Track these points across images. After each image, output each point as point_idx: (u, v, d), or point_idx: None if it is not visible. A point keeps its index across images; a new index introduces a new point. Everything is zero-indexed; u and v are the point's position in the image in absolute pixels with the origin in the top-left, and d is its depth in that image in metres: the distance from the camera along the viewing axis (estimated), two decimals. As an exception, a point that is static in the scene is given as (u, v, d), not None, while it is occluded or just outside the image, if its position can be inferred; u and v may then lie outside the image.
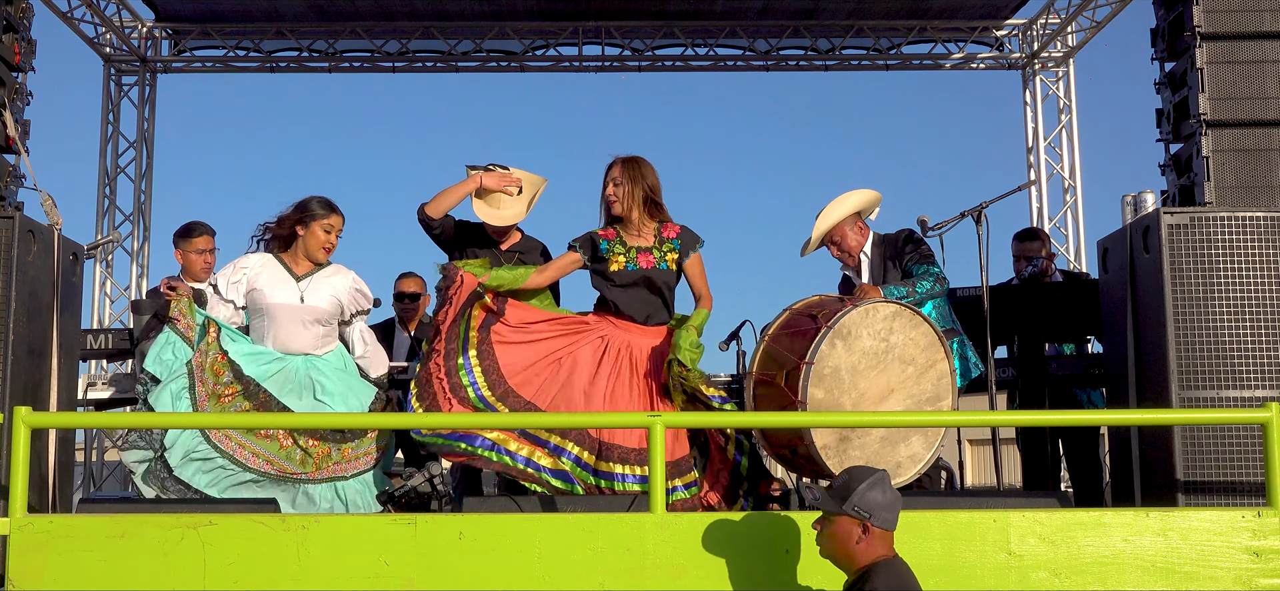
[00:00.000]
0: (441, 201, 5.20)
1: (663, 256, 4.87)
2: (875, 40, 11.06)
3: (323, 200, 4.99)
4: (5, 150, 5.86)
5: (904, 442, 4.45)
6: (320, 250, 4.96)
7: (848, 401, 4.39)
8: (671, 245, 4.89)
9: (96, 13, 10.36)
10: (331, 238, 4.98)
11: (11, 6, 5.84)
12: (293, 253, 4.98)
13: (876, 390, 4.45)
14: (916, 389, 4.53)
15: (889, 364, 4.50)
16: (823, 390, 4.36)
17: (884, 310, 4.50)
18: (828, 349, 4.37)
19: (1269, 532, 3.90)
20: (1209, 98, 5.47)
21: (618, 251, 4.86)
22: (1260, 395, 4.53)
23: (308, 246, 4.96)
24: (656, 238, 4.90)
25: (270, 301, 4.83)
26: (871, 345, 4.47)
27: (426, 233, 5.29)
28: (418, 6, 10.51)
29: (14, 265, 4.44)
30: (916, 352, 4.54)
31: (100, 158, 10.92)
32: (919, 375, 4.55)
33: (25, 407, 3.81)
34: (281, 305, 4.83)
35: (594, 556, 3.79)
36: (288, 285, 4.88)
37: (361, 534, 3.80)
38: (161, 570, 3.73)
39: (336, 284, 4.97)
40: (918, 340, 4.53)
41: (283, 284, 4.87)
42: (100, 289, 10.75)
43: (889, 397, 4.47)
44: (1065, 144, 11.03)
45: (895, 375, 4.51)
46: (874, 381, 4.45)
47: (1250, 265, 4.61)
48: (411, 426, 4.68)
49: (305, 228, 4.95)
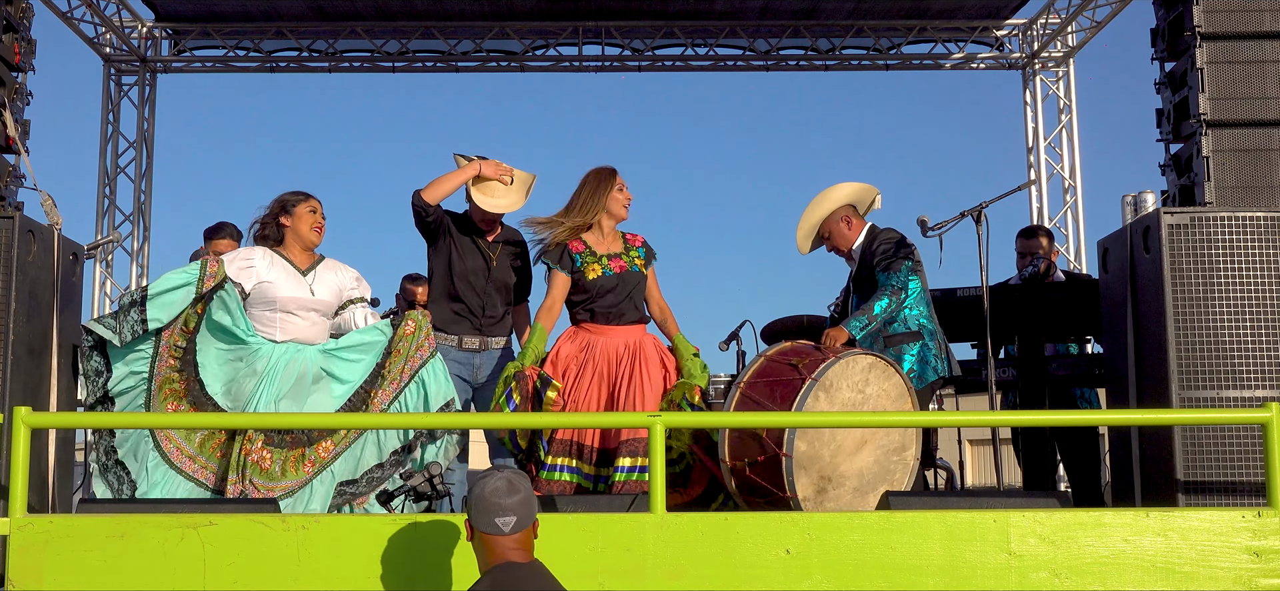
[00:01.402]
0: (438, 188, 5.19)
1: (633, 260, 5.08)
2: (875, 40, 11.05)
3: (293, 191, 5.02)
4: (5, 150, 5.86)
5: (873, 492, 4.54)
6: (312, 232, 4.96)
7: (827, 453, 4.49)
8: (639, 251, 5.13)
9: (96, 13, 10.36)
10: (318, 217, 4.99)
11: (11, 6, 5.84)
12: (287, 246, 4.98)
13: (852, 442, 4.54)
14: (887, 439, 4.64)
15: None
16: (806, 442, 4.42)
17: (862, 362, 4.61)
18: (813, 402, 4.45)
19: (1269, 533, 3.90)
20: (1209, 98, 5.47)
21: (591, 261, 5.01)
22: (1260, 395, 4.53)
23: (299, 233, 4.95)
24: (624, 244, 5.13)
25: (280, 294, 4.85)
26: (850, 397, 4.57)
27: (418, 219, 5.26)
28: (418, 6, 10.51)
29: (14, 265, 4.44)
30: (888, 404, 4.66)
31: (100, 158, 10.93)
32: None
33: (25, 408, 3.81)
34: (291, 297, 4.86)
35: (594, 556, 3.79)
36: (295, 278, 4.90)
37: (361, 534, 3.80)
38: (161, 570, 3.73)
39: (339, 276, 5.02)
40: (889, 391, 4.67)
41: (291, 278, 4.90)
42: (100, 289, 10.75)
43: (863, 448, 4.58)
44: (1065, 144, 11.03)
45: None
46: (851, 433, 4.54)
47: (1250, 265, 4.61)
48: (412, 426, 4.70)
49: (290, 216, 4.95)
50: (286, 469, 4.68)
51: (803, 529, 3.84)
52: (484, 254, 5.33)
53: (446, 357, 5.08)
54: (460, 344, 5.24)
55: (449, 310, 5.27)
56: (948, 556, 3.85)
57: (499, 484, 3.12)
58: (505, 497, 3.09)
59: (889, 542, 3.84)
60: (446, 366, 4.99)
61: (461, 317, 5.26)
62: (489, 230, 5.39)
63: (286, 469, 4.68)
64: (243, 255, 4.94)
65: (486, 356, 5.29)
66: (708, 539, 3.83)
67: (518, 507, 3.09)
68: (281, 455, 4.69)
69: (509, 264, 5.38)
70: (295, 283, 4.88)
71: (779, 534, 3.84)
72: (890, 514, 3.91)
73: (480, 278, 5.28)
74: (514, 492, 3.10)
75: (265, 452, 4.64)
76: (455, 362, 5.18)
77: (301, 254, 4.98)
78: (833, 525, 3.87)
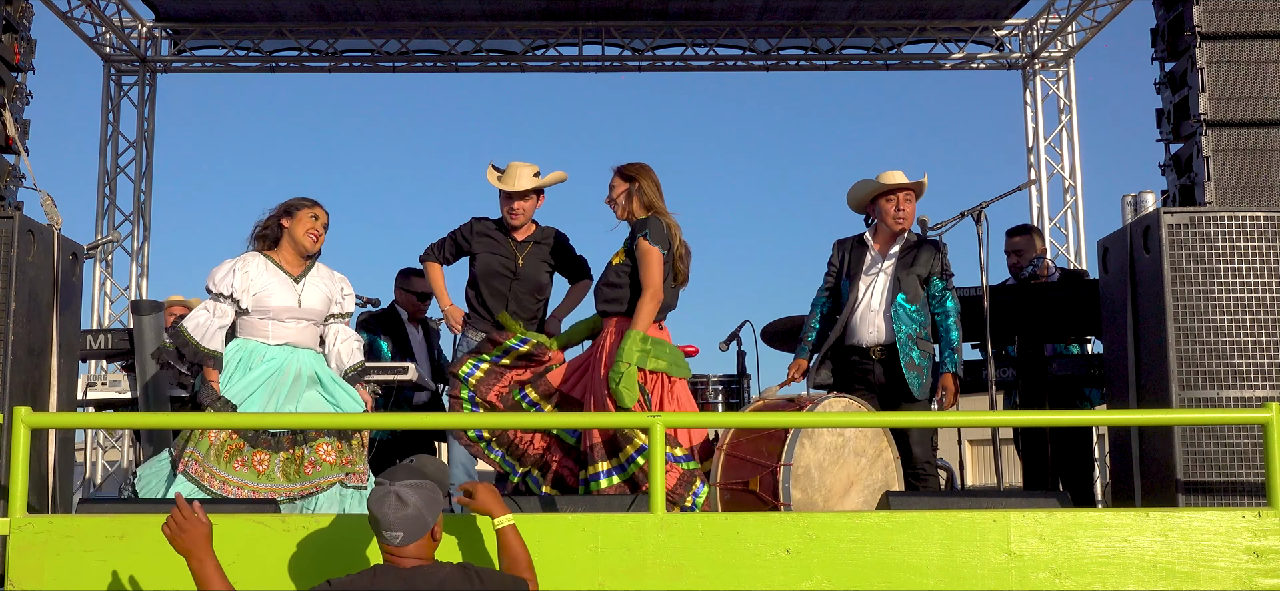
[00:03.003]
0: (430, 282, 5.69)
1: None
2: (875, 40, 11.04)
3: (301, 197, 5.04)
4: (5, 150, 5.86)
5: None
6: (308, 238, 4.94)
7: (819, 498, 4.50)
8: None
9: (96, 13, 10.35)
10: (318, 225, 4.98)
11: (11, 6, 5.84)
12: (282, 251, 4.97)
13: (840, 484, 4.60)
14: (870, 478, 4.72)
15: (846, 457, 4.68)
16: (799, 490, 4.46)
17: (838, 403, 4.76)
18: (800, 449, 4.50)
19: (1269, 533, 3.89)
20: (1209, 98, 5.46)
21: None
22: (1260, 395, 4.53)
23: (295, 237, 4.93)
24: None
25: (272, 303, 4.84)
26: (831, 440, 4.64)
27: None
28: (418, 6, 10.50)
29: (14, 265, 4.44)
30: (866, 444, 4.74)
31: (100, 158, 10.92)
32: (871, 465, 4.75)
33: (25, 408, 3.81)
34: (282, 306, 4.85)
35: (594, 556, 3.79)
36: (286, 286, 4.89)
37: (361, 534, 3.80)
38: (161, 570, 3.72)
39: (328, 285, 5.03)
40: (865, 431, 4.74)
41: (281, 285, 4.88)
42: (100, 289, 10.75)
43: (851, 490, 4.62)
44: (1065, 144, 11.02)
45: (852, 467, 4.69)
46: (837, 476, 4.60)
47: (1250, 265, 4.61)
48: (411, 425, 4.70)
49: (291, 219, 4.95)
50: (288, 471, 4.69)
51: (803, 529, 3.84)
52: (511, 256, 5.52)
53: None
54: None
55: (476, 310, 5.55)
56: (948, 556, 3.85)
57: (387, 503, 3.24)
58: (394, 513, 3.22)
59: (889, 542, 3.84)
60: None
61: (486, 317, 5.49)
62: (518, 229, 5.53)
63: (288, 471, 4.69)
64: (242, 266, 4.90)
65: None
66: (708, 539, 3.83)
67: (404, 523, 3.22)
68: (279, 458, 4.69)
69: (540, 263, 5.55)
70: (286, 290, 4.88)
71: (779, 534, 3.84)
72: (890, 514, 3.91)
73: (505, 280, 5.49)
74: (403, 507, 3.23)
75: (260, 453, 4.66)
76: None
77: (294, 259, 4.96)
78: (833, 525, 3.87)
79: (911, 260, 5.31)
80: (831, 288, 5.55)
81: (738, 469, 4.64)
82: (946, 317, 5.31)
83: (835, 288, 5.53)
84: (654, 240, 4.83)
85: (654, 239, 4.83)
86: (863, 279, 5.36)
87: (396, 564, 3.22)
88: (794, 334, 6.86)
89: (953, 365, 5.25)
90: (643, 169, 5.00)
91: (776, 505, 4.41)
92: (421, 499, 3.25)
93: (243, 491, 4.57)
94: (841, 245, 5.55)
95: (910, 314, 5.24)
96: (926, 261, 5.31)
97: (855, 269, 5.41)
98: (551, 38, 11.01)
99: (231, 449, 4.64)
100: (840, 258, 5.51)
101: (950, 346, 5.28)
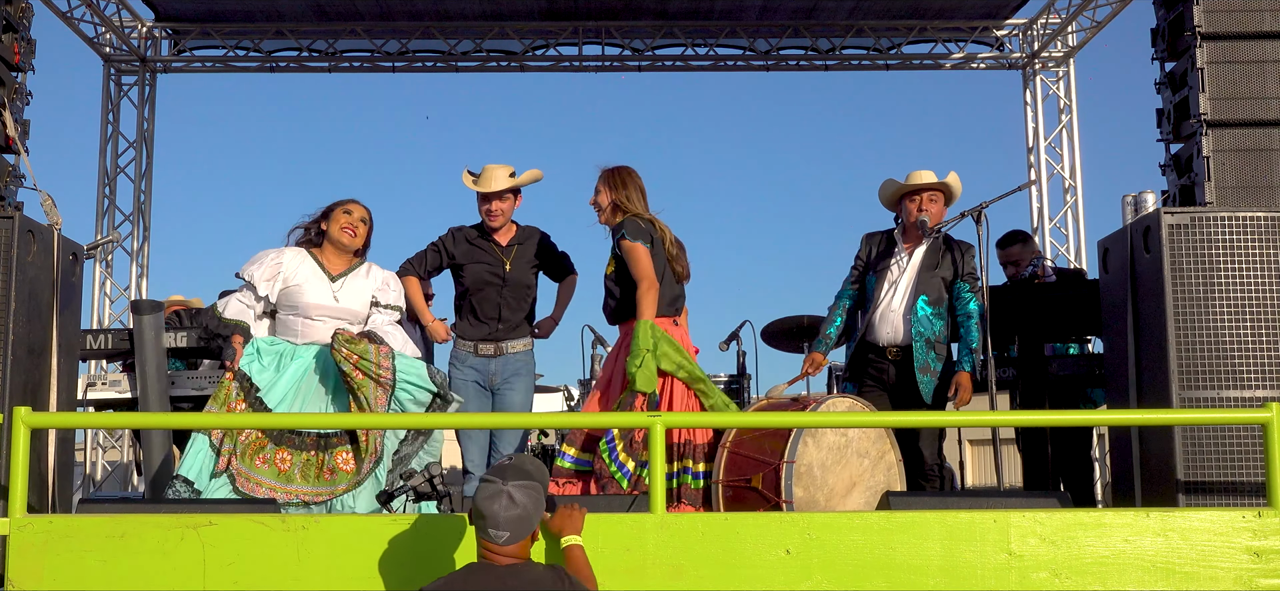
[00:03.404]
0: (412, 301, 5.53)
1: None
2: (875, 40, 11.05)
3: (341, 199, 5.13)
4: (5, 150, 5.86)
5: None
6: (343, 234, 5.01)
7: (821, 497, 4.50)
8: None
9: (96, 13, 10.35)
10: (352, 219, 5.04)
11: (11, 6, 5.84)
12: (324, 251, 5.04)
13: (842, 484, 4.59)
14: (872, 480, 4.71)
15: (848, 457, 4.67)
16: (802, 488, 4.46)
17: (842, 403, 4.76)
18: (802, 447, 4.50)
19: (1269, 533, 3.89)
20: (1209, 98, 5.47)
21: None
22: (1260, 395, 4.53)
23: (331, 236, 5.03)
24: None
25: (305, 300, 4.87)
26: (834, 439, 4.64)
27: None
28: (418, 6, 10.51)
29: (14, 265, 4.44)
30: (869, 445, 4.73)
31: (100, 158, 10.92)
32: (873, 466, 4.74)
33: (25, 408, 3.80)
34: (315, 304, 4.88)
35: (594, 556, 3.78)
36: (322, 284, 4.92)
37: (361, 534, 3.80)
38: (161, 570, 3.72)
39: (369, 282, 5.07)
40: (868, 432, 4.74)
41: (317, 282, 4.91)
42: (100, 289, 10.75)
43: (852, 491, 4.62)
44: (1065, 144, 11.02)
45: (855, 468, 4.68)
46: (840, 476, 4.60)
47: (1250, 265, 4.61)
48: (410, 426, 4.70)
49: (328, 220, 5.04)
50: (308, 474, 4.69)
51: (803, 529, 3.83)
52: (497, 262, 5.47)
53: (464, 364, 5.37)
54: (476, 350, 5.43)
55: (465, 321, 5.50)
56: (948, 556, 3.85)
57: (499, 502, 3.23)
58: (504, 512, 3.22)
59: (889, 542, 3.83)
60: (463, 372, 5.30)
61: (476, 326, 5.45)
62: (499, 232, 5.51)
63: (308, 474, 4.69)
64: (272, 258, 4.95)
65: (501, 362, 5.43)
66: (708, 539, 3.83)
67: (511, 523, 3.23)
68: (300, 458, 4.69)
69: (526, 265, 5.52)
70: (322, 288, 4.92)
71: (779, 534, 3.84)
72: (890, 514, 3.91)
73: (495, 288, 5.46)
74: (513, 507, 3.23)
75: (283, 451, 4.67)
76: (472, 369, 5.40)
77: (336, 258, 5.02)
78: (833, 525, 3.87)
79: (936, 262, 5.32)
80: (856, 280, 5.55)
81: (741, 466, 4.66)
82: (968, 319, 5.30)
83: (861, 281, 5.54)
84: (632, 237, 4.92)
85: (632, 235, 4.93)
86: (887, 277, 5.37)
87: (492, 561, 3.23)
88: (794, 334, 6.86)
89: (968, 364, 5.25)
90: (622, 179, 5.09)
91: (779, 502, 4.41)
92: (530, 499, 3.27)
93: (261, 490, 4.59)
94: (870, 239, 5.55)
95: (929, 317, 5.26)
96: (952, 264, 5.32)
97: (881, 265, 5.42)
98: (551, 38, 11.02)
99: (257, 444, 4.67)
100: (867, 251, 5.53)
101: (968, 347, 5.28)
